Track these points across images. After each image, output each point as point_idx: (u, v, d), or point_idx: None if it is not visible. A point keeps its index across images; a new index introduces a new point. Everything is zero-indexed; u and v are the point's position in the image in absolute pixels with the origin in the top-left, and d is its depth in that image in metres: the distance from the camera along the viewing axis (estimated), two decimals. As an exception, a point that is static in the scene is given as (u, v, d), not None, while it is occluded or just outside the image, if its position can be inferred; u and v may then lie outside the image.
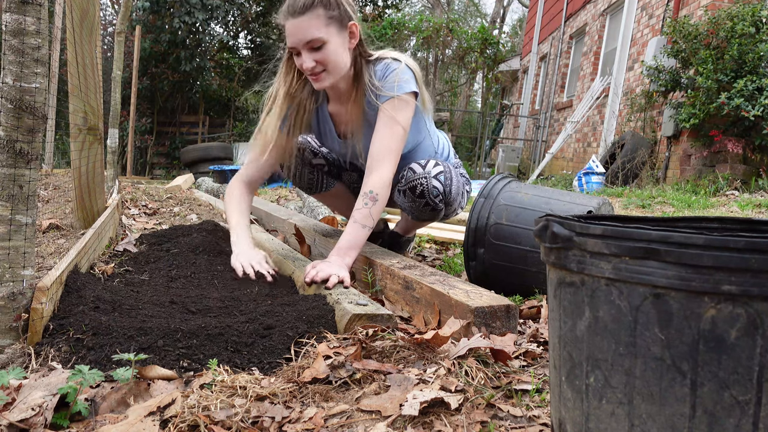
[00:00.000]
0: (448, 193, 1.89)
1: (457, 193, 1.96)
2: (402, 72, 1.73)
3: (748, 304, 0.57)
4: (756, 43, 5.00)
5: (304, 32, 1.62)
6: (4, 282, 1.10)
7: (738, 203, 4.18)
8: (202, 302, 1.43)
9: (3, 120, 1.07)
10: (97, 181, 2.41)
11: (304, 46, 1.64)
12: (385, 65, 1.76)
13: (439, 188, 1.85)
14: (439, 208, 1.91)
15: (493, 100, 17.98)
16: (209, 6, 10.97)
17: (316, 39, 1.62)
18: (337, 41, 1.66)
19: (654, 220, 0.86)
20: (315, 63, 1.65)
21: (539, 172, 8.91)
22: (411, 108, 1.75)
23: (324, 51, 1.64)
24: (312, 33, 1.61)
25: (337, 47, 1.66)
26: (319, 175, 2.13)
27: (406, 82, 1.73)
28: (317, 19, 1.61)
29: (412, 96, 1.74)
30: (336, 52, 1.66)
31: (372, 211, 1.65)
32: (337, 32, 1.65)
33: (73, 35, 2.01)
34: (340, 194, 2.24)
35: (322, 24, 1.62)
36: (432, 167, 1.86)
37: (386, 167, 1.70)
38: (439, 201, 1.88)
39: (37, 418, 0.87)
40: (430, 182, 1.83)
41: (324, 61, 1.66)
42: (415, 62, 1.81)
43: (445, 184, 1.86)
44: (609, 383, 0.65)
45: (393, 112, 1.71)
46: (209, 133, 12.64)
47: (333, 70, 1.68)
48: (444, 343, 1.18)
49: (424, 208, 1.91)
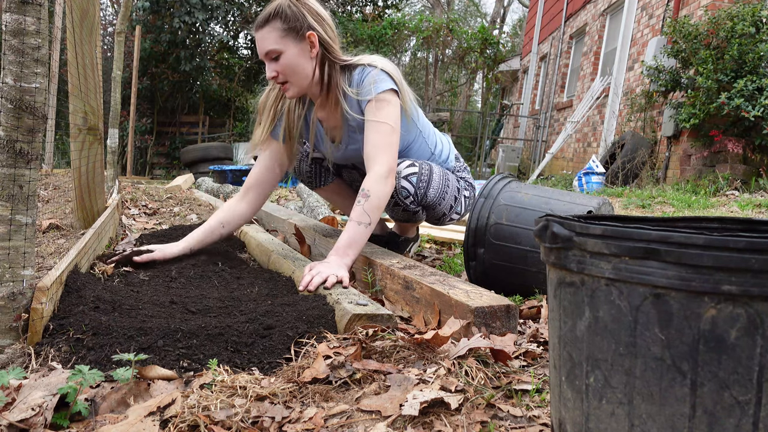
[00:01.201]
0: (422, 195, 1.89)
1: (440, 197, 1.95)
2: (376, 74, 1.76)
3: (748, 304, 0.57)
4: (756, 43, 5.00)
5: (263, 44, 1.71)
6: (4, 282, 1.10)
7: (738, 203, 4.18)
8: (202, 302, 1.43)
9: (3, 120, 1.07)
10: (97, 181, 2.41)
11: (265, 57, 1.74)
12: (360, 71, 1.79)
13: (408, 189, 1.86)
14: (411, 209, 1.91)
15: (493, 100, 17.98)
16: (209, 6, 10.97)
17: (273, 50, 1.71)
18: (293, 51, 1.72)
19: (654, 220, 0.86)
20: (276, 73, 1.73)
21: (539, 172, 8.91)
22: (394, 105, 1.76)
23: (281, 61, 1.72)
24: (269, 44, 1.71)
25: (294, 57, 1.72)
26: (318, 168, 2.16)
27: (381, 81, 1.75)
28: (275, 32, 1.70)
29: (390, 93, 1.76)
30: (292, 62, 1.72)
31: (365, 207, 1.66)
32: (293, 42, 1.71)
33: (73, 35, 2.01)
34: (340, 191, 2.26)
35: (278, 36, 1.70)
36: (404, 167, 1.87)
37: (379, 163, 1.71)
38: (410, 202, 1.88)
39: (37, 418, 0.87)
40: (399, 182, 1.85)
41: (283, 71, 1.73)
42: (392, 64, 1.84)
43: (417, 186, 1.87)
44: (609, 383, 0.65)
45: (375, 111, 1.74)
46: (209, 133, 12.64)
47: (294, 79, 1.75)
48: (444, 343, 1.18)
49: (395, 208, 1.93)
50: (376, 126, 1.74)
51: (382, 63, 1.81)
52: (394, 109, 1.76)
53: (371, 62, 1.80)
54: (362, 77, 1.78)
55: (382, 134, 1.73)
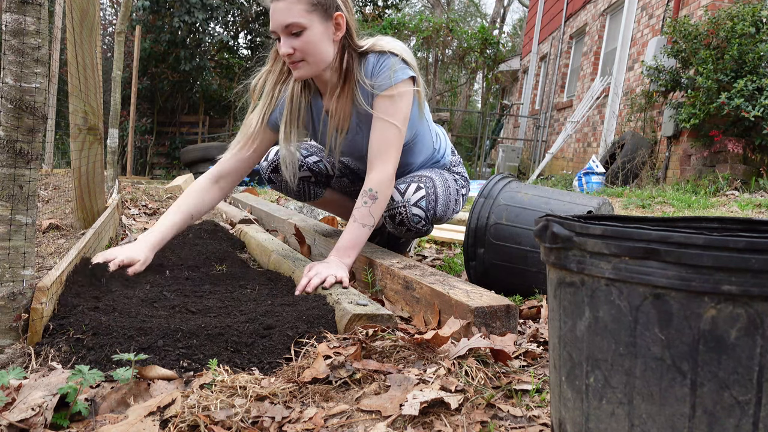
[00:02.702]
0: (432, 215, 1.84)
1: (446, 208, 1.91)
2: (394, 63, 1.66)
3: (748, 304, 0.57)
4: (756, 43, 5.00)
5: (285, 15, 1.55)
6: (4, 282, 1.10)
7: (738, 203, 4.18)
8: (202, 302, 1.43)
9: (3, 120, 1.07)
10: (97, 181, 2.41)
11: (283, 31, 1.58)
12: (376, 59, 1.68)
13: (420, 215, 1.80)
14: (423, 230, 1.87)
15: (493, 100, 17.97)
16: (209, 6, 10.97)
17: (295, 24, 1.56)
18: (318, 29, 1.58)
19: (654, 220, 0.86)
20: (293, 50, 1.59)
21: (539, 172, 8.91)
22: (408, 96, 1.68)
23: (303, 38, 1.57)
24: (292, 17, 1.55)
25: (319, 36, 1.59)
26: (306, 186, 2.09)
27: (400, 70, 1.66)
28: (300, 4, 1.55)
29: (409, 82, 1.67)
30: (316, 41, 1.59)
31: (372, 209, 1.64)
32: (320, 20, 1.58)
33: (73, 35, 2.01)
34: (332, 201, 2.21)
35: (304, 9, 1.55)
36: (412, 193, 1.79)
37: (387, 163, 1.66)
38: (422, 226, 1.84)
39: (37, 418, 0.87)
40: (410, 210, 1.78)
41: (302, 49, 1.59)
42: (406, 48, 1.73)
43: (427, 209, 1.81)
44: (609, 383, 0.65)
45: (387, 108, 1.65)
46: (209, 133, 12.64)
47: (312, 60, 1.61)
48: (444, 343, 1.18)
49: (408, 233, 1.87)
50: (384, 125, 1.66)
51: (398, 48, 1.69)
52: (407, 101, 1.67)
53: (387, 48, 1.68)
54: (379, 66, 1.67)
55: (390, 135, 1.66)
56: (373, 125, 1.69)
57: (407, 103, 1.68)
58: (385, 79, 1.65)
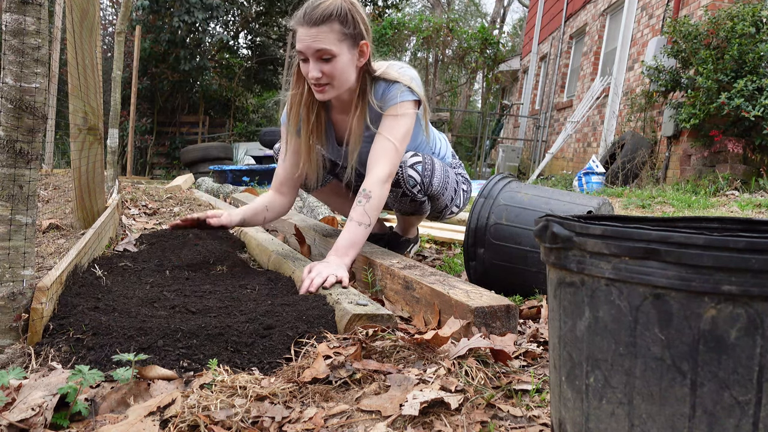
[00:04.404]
0: (428, 184, 1.91)
1: (443, 188, 1.98)
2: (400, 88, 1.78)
3: (748, 304, 0.57)
4: (756, 43, 5.00)
5: (317, 42, 1.65)
6: (4, 282, 1.10)
7: (738, 203, 4.18)
8: (202, 302, 1.43)
9: (3, 120, 1.07)
10: (97, 181, 2.41)
11: (313, 54, 1.67)
12: (387, 85, 1.80)
13: (415, 177, 1.88)
14: (418, 198, 1.93)
15: (493, 100, 17.97)
16: (209, 5, 10.97)
17: (327, 50, 1.66)
18: (347, 57, 1.70)
19: (654, 220, 0.86)
20: (321, 74, 1.69)
21: (539, 172, 8.91)
22: (410, 116, 1.79)
23: (332, 64, 1.68)
24: (325, 44, 1.65)
25: (346, 63, 1.70)
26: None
27: (404, 92, 1.78)
28: (332, 33, 1.65)
29: (411, 104, 1.79)
30: (344, 68, 1.70)
31: (366, 208, 1.67)
32: (348, 49, 1.69)
33: (73, 35, 2.01)
34: (337, 191, 2.26)
35: (336, 38, 1.66)
36: (409, 157, 1.89)
37: (381, 166, 1.73)
38: (417, 191, 1.90)
39: (37, 418, 0.87)
40: (406, 171, 1.87)
41: (330, 74, 1.69)
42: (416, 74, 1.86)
43: (423, 174, 1.89)
44: (609, 383, 0.65)
45: (389, 126, 1.77)
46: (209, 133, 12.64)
47: (338, 84, 1.73)
48: (444, 343, 1.18)
49: (403, 199, 1.94)
50: (383, 142, 1.76)
51: (407, 78, 1.81)
52: (409, 120, 1.79)
53: (398, 77, 1.80)
54: (388, 91, 1.79)
55: (388, 149, 1.76)
56: (375, 140, 1.79)
57: (407, 123, 1.79)
58: (390, 99, 1.77)
